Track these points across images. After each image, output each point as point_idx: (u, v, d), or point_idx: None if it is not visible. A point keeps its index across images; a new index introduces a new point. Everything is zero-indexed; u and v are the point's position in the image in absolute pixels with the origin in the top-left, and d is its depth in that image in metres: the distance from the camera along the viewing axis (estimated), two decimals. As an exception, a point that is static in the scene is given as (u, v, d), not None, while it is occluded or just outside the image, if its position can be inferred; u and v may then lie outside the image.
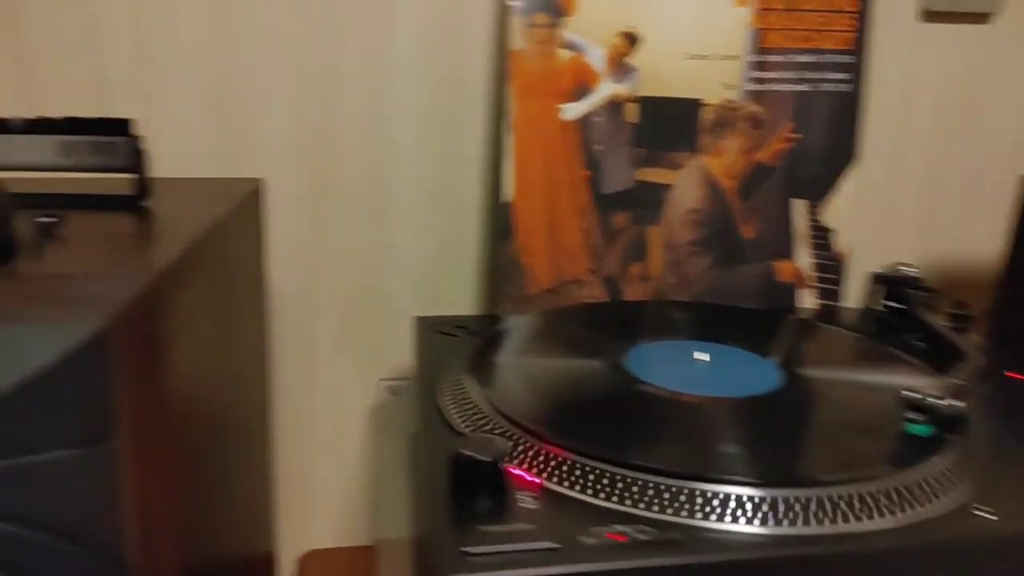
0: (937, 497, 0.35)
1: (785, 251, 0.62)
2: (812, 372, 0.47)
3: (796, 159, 0.61)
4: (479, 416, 0.42)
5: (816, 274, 0.63)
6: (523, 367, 0.48)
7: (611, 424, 0.40)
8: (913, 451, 0.38)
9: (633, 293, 0.61)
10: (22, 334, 0.28)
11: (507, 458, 0.35)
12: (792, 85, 0.60)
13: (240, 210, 0.48)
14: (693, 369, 0.47)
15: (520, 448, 0.38)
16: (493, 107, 0.61)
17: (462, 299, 0.66)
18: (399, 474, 0.58)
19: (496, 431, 0.40)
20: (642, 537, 0.32)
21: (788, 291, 0.62)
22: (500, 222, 0.60)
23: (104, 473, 0.30)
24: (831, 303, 0.63)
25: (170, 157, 0.59)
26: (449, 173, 0.63)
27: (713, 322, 0.56)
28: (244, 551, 0.53)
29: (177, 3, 0.56)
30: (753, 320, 0.57)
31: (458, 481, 0.35)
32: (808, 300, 0.63)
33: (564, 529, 0.32)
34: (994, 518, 0.34)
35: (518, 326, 0.54)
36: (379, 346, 0.66)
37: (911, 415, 0.38)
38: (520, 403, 0.42)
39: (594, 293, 0.60)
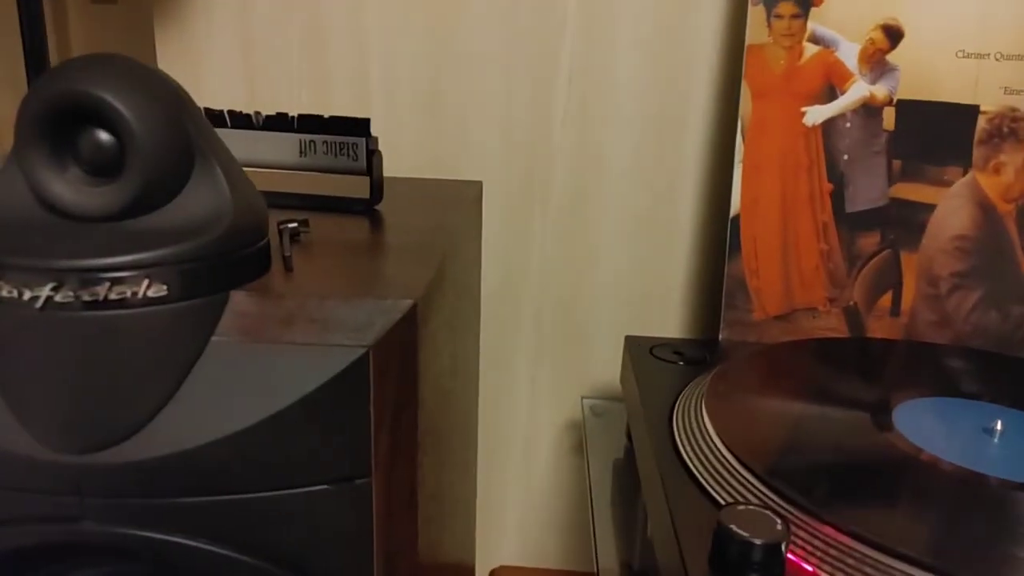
0: None
1: (1074, 292, 0.51)
2: None
3: (1092, 181, 0.50)
4: (730, 476, 0.34)
5: (1114, 323, 0.51)
6: (773, 416, 0.40)
7: (906, 509, 0.31)
8: None
9: (879, 329, 0.51)
10: (285, 357, 0.25)
11: (786, 542, 0.28)
12: (1091, 91, 0.50)
13: (468, 215, 0.44)
14: (990, 442, 0.37)
15: (792, 528, 0.31)
16: (722, 109, 0.55)
17: (670, 319, 0.59)
18: (599, 499, 0.53)
19: (753, 498, 0.32)
20: None
21: (1078, 342, 0.51)
22: (724, 238, 0.53)
23: (355, 512, 0.26)
24: None
25: (386, 158, 0.58)
26: (665, 181, 0.57)
27: (988, 376, 0.46)
28: (454, 565, 0.49)
29: (396, 4, 0.55)
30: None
31: (723, 561, 0.28)
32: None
33: None
34: None
35: (752, 361, 0.46)
36: (579, 362, 0.61)
37: None
38: (782, 467, 0.34)
39: (831, 325, 0.52)
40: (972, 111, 0.50)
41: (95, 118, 0.24)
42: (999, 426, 0.38)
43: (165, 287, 0.24)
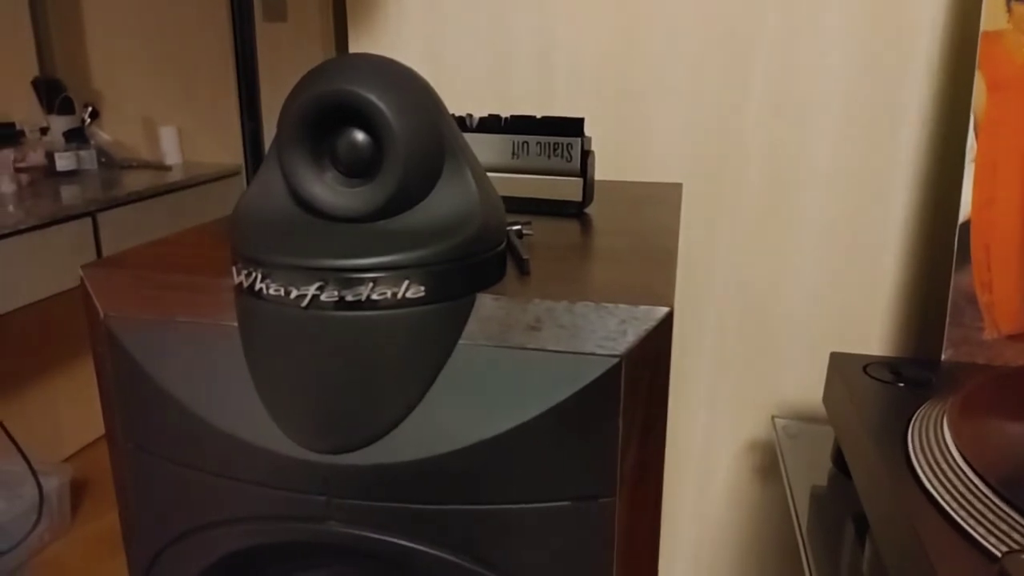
0: None
1: None
2: None
3: None
4: (998, 519, 0.30)
5: None
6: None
7: None
8: None
9: None
10: (534, 364, 0.24)
11: None
12: None
13: (674, 219, 0.42)
14: None
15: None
16: (945, 103, 0.50)
17: (876, 335, 0.54)
18: (797, 524, 0.48)
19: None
20: None
21: None
22: (946, 246, 0.47)
23: (595, 533, 0.25)
24: None
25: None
26: (873, 183, 0.52)
27: None
28: None
29: (581, 3, 0.54)
30: None
31: None
32: None
33: None
34: None
35: (1002, 384, 0.41)
36: (767, 377, 0.57)
37: None
38: None
39: (1085, 349, 0.45)
40: None
41: (354, 118, 0.24)
42: None
43: (423, 288, 0.23)
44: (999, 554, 0.29)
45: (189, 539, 0.29)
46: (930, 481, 0.34)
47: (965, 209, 0.46)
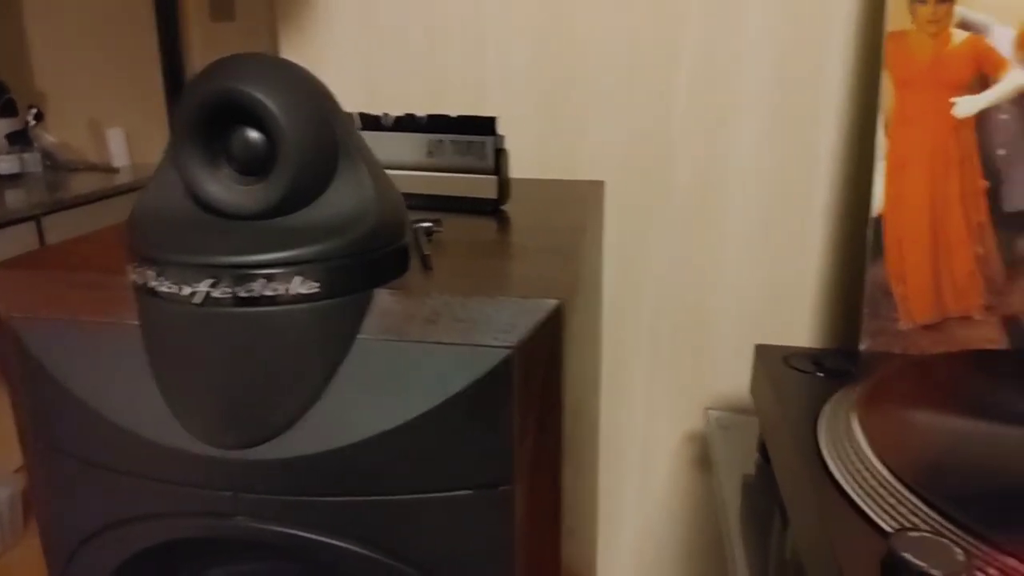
0: None
1: None
2: None
3: None
4: (894, 499, 0.31)
5: None
6: (932, 434, 0.36)
7: None
8: None
9: (1046, 341, 0.47)
10: (430, 357, 0.25)
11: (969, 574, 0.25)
12: None
13: (594, 216, 0.43)
14: None
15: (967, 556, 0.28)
16: (860, 101, 0.52)
17: (800, 327, 0.56)
18: (725, 515, 0.50)
19: (924, 525, 0.29)
20: None
21: None
22: (863, 240, 0.49)
23: (496, 520, 0.25)
24: None
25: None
26: (796, 180, 0.54)
27: None
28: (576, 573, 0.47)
29: (512, 5, 0.55)
30: None
31: None
32: None
33: None
34: None
35: (905, 373, 0.43)
36: (701, 371, 0.58)
37: None
38: (954, 491, 0.31)
39: (989, 336, 0.47)
40: None
41: (246, 117, 0.25)
42: None
43: (317, 284, 0.24)
44: (891, 531, 0.31)
45: (102, 536, 0.30)
46: (835, 464, 0.35)
47: (879, 204, 0.48)
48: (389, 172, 0.38)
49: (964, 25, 0.46)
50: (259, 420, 0.25)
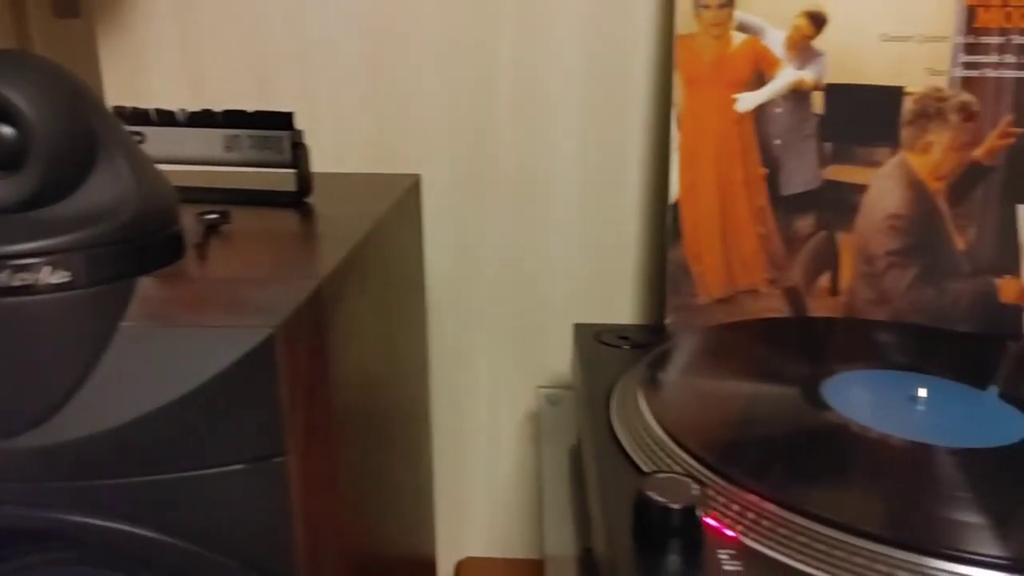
0: None
1: (1008, 266, 0.52)
2: None
3: (1019, 158, 0.52)
4: (659, 448, 0.35)
5: (1048, 295, 0.52)
6: (704, 391, 0.41)
7: (822, 472, 0.32)
8: None
9: (820, 308, 0.52)
10: (193, 340, 0.26)
11: (702, 506, 0.29)
12: (1013, 71, 0.51)
13: (400, 207, 0.45)
14: (913, 407, 0.38)
15: (711, 493, 0.32)
16: (659, 97, 0.56)
17: (624, 306, 0.60)
18: (559, 487, 0.54)
19: (679, 468, 0.33)
20: None
21: (1013, 313, 0.52)
22: (666, 224, 0.54)
23: (273, 490, 0.27)
24: (1069, 331, 0.52)
25: (327, 152, 0.59)
26: (611, 170, 0.58)
27: (922, 349, 0.47)
28: (407, 556, 0.49)
29: (338, 9, 0.56)
30: (974, 348, 0.47)
31: (643, 528, 0.29)
32: (1039, 326, 0.52)
33: None
34: None
35: (691, 341, 0.47)
36: (536, 351, 0.62)
37: None
38: (707, 438, 0.35)
39: (773, 306, 0.53)
40: (897, 92, 0.51)
41: None
42: (923, 394, 0.39)
43: (68, 273, 0.24)
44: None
45: None
46: (618, 422, 0.39)
47: (675, 192, 0.53)
48: (186, 167, 0.39)
49: (742, 28, 0.51)
50: (20, 410, 0.25)
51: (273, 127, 0.37)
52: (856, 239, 0.52)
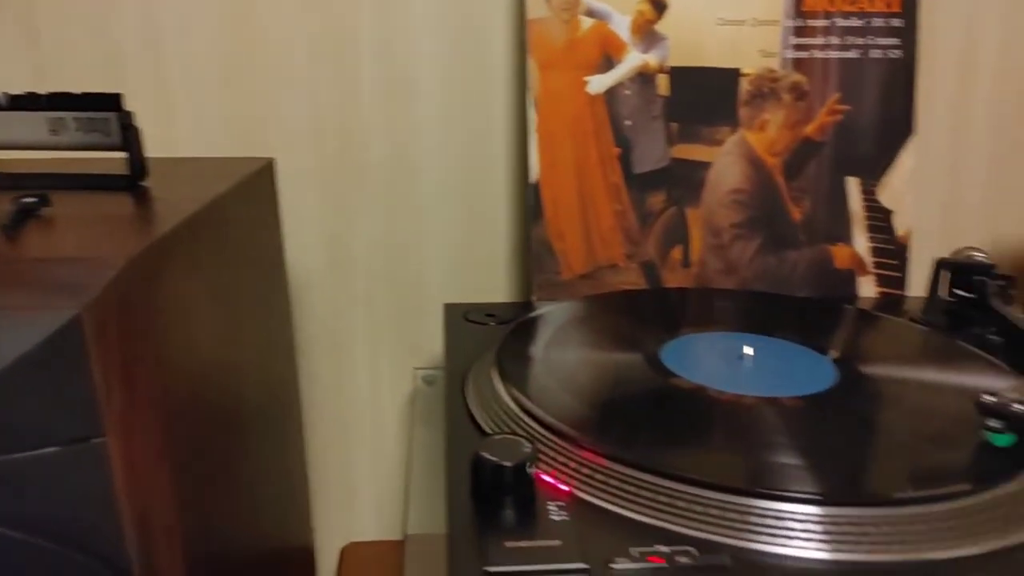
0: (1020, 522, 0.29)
1: (841, 234, 0.56)
2: (875, 369, 0.41)
3: (847, 133, 0.56)
4: (504, 414, 0.37)
5: (876, 260, 0.57)
6: (551, 360, 0.42)
7: (649, 427, 0.35)
8: (997, 465, 0.31)
9: (674, 279, 0.55)
10: (4, 323, 0.24)
11: (533, 462, 0.30)
12: (838, 52, 0.56)
13: (244, 190, 0.44)
14: (740, 365, 0.41)
15: (549, 452, 0.33)
16: (517, 81, 0.58)
17: (497, 285, 0.62)
18: (432, 467, 0.54)
19: (522, 431, 0.35)
20: (684, 561, 0.27)
21: (847, 278, 0.56)
22: (529, 204, 0.55)
23: (94, 472, 0.26)
24: (895, 292, 0.56)
25: (184, 138, 0.57)
26: (476, 152, 0.59)
27: (762, 312, 0.50)
28: (275, 546, 0.48)
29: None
30: (807, 310, 0.51)
31: (480, 487, 0.30)
32: (870, 288, 0.57)
33: (597, 548, 0.27)
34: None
35: (548, 315, 0.49)
36: (413, 333, 0.62)
37: (992, 423, 0.32)
38: (548, 400, 0.37)
39: (631, 279, 0.55)
40: (734, 74, 0.55)
41: None
42: (749, 352, 0.42)
43: None
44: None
45: None
46: (472, 393, 0.40)
47: (535, 172, 0.54)
48: (8, 152, 0.37)
49: (590, 13, 0.54)
50: None
51: (100, 108, 0.35)
52: (703, 213, 0.56)
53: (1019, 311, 0.49)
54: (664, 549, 0.27)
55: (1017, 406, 0.31)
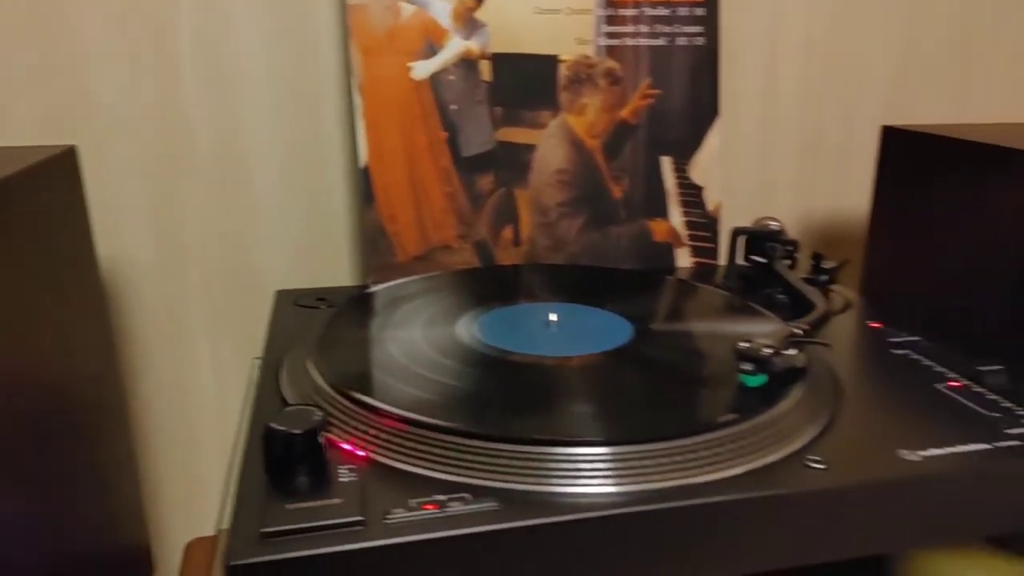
0: (770, 447, 0.34)
1: (658, 210, 0.61)
2: (665, 327, 0.45)
3: (659, 116, 0.60)
4: (314, 391, 0.38)
5: (690, 232, 0.61)
6: (365, 338, 0.44)
7: (443, 390, 0.37)
8: (751, 401, 0.36)
9: (506, 258, 0.58)
10: None
11: (323, 430, 0.31)
12: (647, 40, 0.60)
13: (34, 177, 0.42)
14: (543, 331, 0.44)
15: (350, 420, 0.35)
16: (344, 66, 0.58)
17: (336, 270, 0.62)
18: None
19: (328, 405, 0.36)
20: (456, 506, 0.29)
21: (666, 250, 0.61)
22: (360, 189, 0.56)
23: None
24: (708, 261, 0.62)
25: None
26: (308, 139, 0.59)
27: (583, 285, 0.53)
28: (95, 549, 0.46)
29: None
30: (621, 281, 0.55)
31: (272, 457, 0.31)
32: (687, 259, 0.61)
33: (380, 502, 0.29)
34: (823, 468, 0.32)
35: (375, 296, 0.50)
36: (254, 323, 0.62)
37: (745, 366, 0.37)
38: (350, 373, 0.38)
39: (466, 259, 0.57)
40: (553, 61, 0.58)
41: None
42: (554, 319, 0.45)
43: None
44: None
45: None
46: (286, 374, 0.40)
47: (364, 157, 0.55)
48: None
49: (410, 0, 0.55)
50: None
51: None
52: (531, 193, 0.58)
53: (806, 273, 0.55)
54: (441, 497, 0.29)
55: (765, 350, 0.36)
